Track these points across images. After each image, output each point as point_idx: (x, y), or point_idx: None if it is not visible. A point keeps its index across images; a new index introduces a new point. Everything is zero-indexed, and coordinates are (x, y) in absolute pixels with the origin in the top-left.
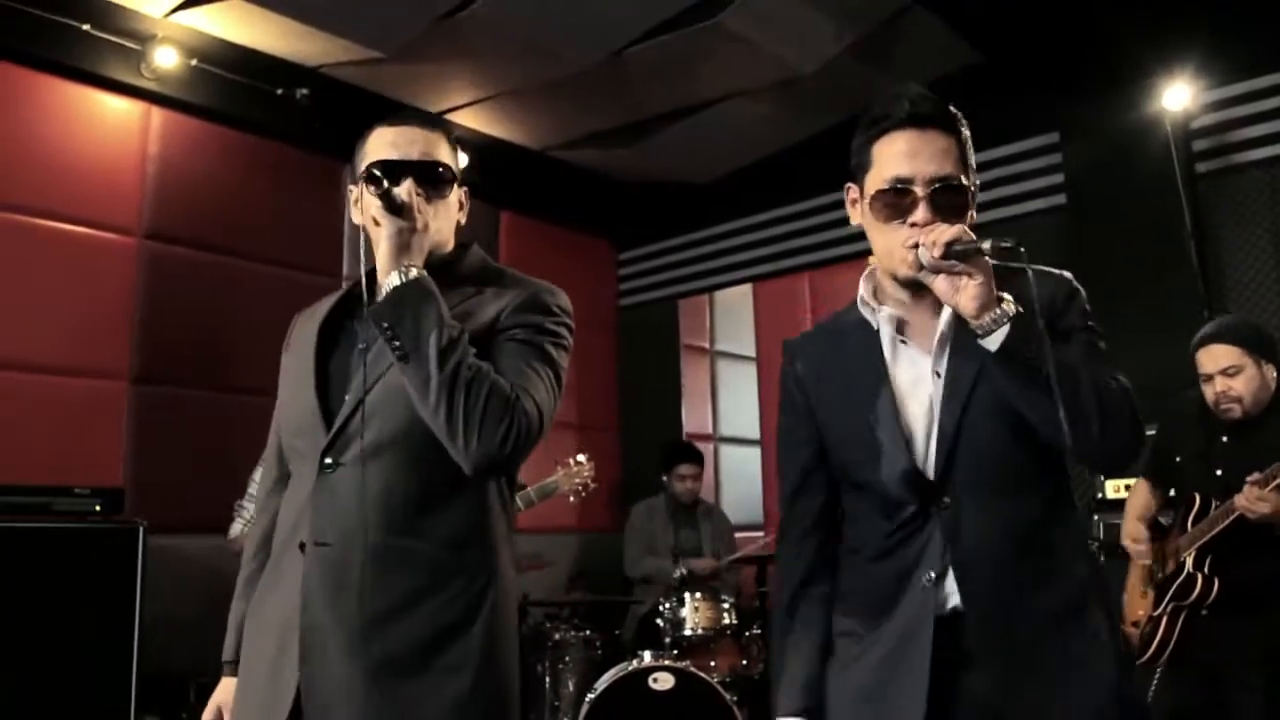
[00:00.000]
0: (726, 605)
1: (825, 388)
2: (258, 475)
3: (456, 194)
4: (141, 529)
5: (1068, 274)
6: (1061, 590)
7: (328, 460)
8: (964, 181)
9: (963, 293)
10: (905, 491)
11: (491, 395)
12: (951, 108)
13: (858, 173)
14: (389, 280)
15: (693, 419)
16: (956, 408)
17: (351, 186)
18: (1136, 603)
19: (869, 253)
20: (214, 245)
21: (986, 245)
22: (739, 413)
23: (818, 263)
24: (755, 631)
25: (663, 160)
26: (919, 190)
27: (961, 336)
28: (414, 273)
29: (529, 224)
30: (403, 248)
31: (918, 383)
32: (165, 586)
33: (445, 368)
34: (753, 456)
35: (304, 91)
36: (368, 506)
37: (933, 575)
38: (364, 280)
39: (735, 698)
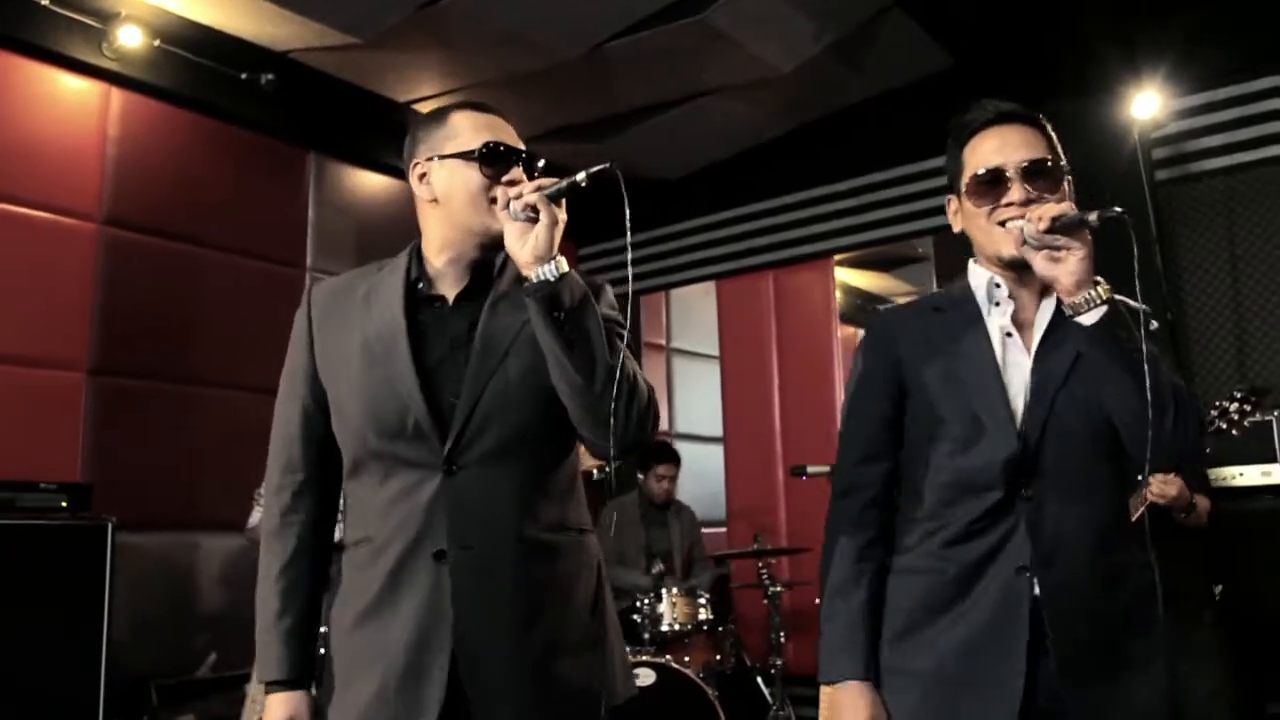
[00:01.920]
0: (703, 601)
1: (927, 363)
2: None
3: None
4: (110, 526)
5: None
6: (1129, 589)
7: (452, 465)
8: (1055, 161)
9: (1063, 265)
10: (998, 477)
11: (640, 383)
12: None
13: (953, 181)
14: (546, 269)
15: None
16: (1046, 402)
17: (418, 161)
18: None
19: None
20: (175, 233)
21: (1093, 216)
22: (694, 410)
23: (782, 261)
24: (729, 626)
25: (633, 156)
26: (1011, 173)
27: (1057, 334)
28: (564, 262)
29: None
30: (557, 239)
31: (1015, 374)
32: (124, 585)
33: (613, 355)
34: (714, 454)
35: (270, 77)
36: (507, 506)
37: (1024, 565)
38: (410, 262)
39: (716, 693)
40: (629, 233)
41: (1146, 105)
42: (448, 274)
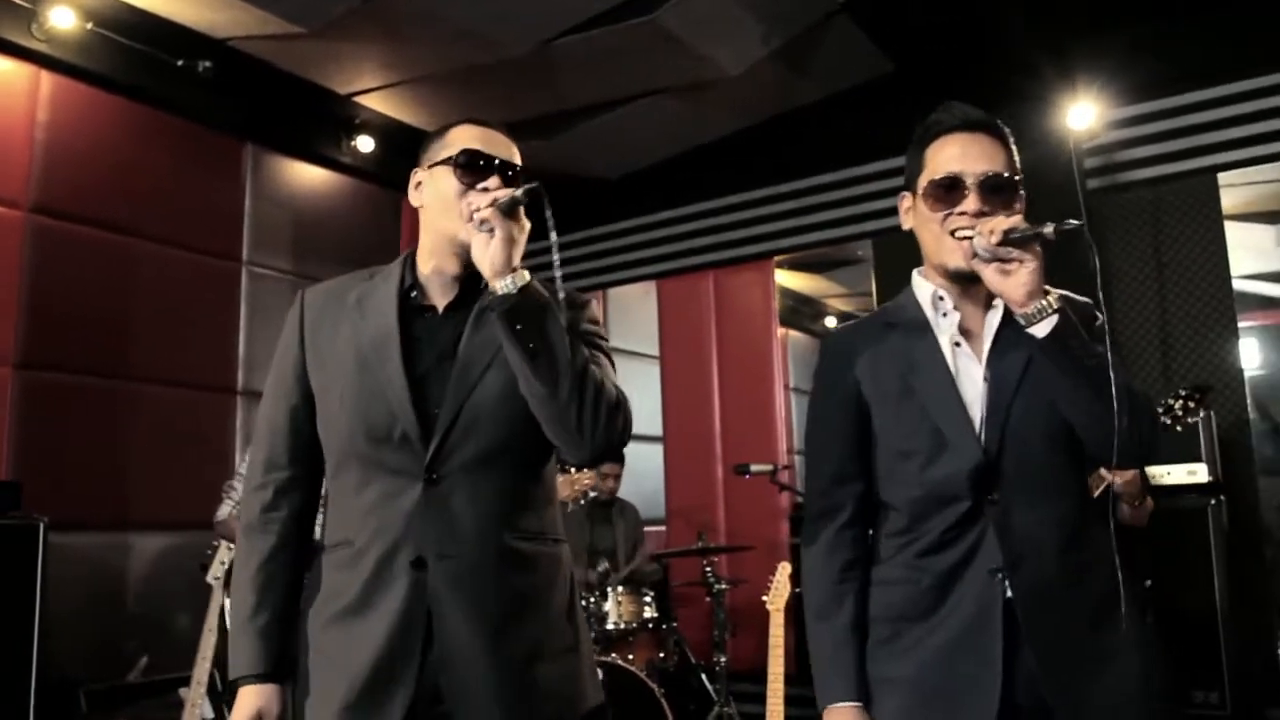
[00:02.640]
0: (648, 599)
1: (884, 381)
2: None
3: None
4: (42, 526)
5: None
6: (1096, 585)
7: (434, 475)
8: (1012, 175)
9: (1013, 279)
10: (965, 487)
11: (608, 389)
12: (998, 121)
13: (911, 179)
14: (505, 282)
15: None
16: (1003, 410)
17: (418, 170)
18: None
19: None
20: (106, 222)
21: (1048, 228)
22: (632, 409)
23: (722, 261)
24: (672, 624)
25: (576, 154)
26: (969, 183)
27: (1006, 339)
28: (526, 275)
29: None
30: (515, 251)
31: (969, 383)
32: (52, 587)
33: (577, 364)
34: (651, 453)
35: (207, 64)
36: (486, 515)
37: (996, 568)
38: (402, 273)
39: (662, 690)
40: (554, 238)
41: (1082, 116)
42: (435, 283)
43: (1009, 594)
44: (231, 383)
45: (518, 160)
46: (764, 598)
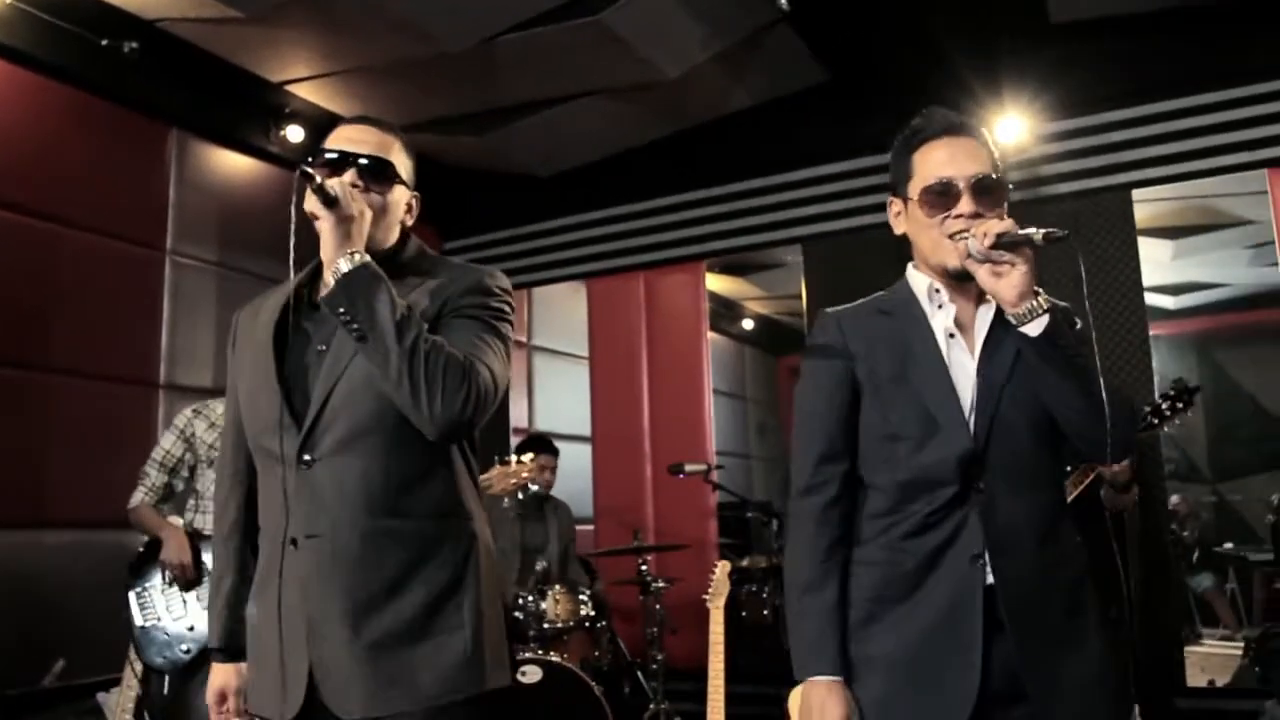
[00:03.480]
0: (584, 597)
1: (878, 364)
2: (166, 443)
3: (405, 195)
4: None
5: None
6: (1068, 572)
7: (305, 458)
8: (999, 176)
9: (1005, 280)
10: (953, 473)
11: (449, 362)
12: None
13: (899, 185)
14: (337, 267)
15: (512, 413)
16: (993, 401)
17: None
18: None
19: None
20: (24, 206)
21: (1038, 234)
22: (556, 408)
23: (653, 263)
24: (605, 623)
25: (508, 151)
26: (961, 185)
27: (997, 335)
28: (359, 258)
29: None
30: (345, 237)
31: (961, 374)
32: None
33: (404, 341)
34: (576, 452)
35: (133, 45)
36: (351, 495)
37: (978, 554)
38: (294, 273)
39: (602, 688)
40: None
41: (1009, 129)
42: (329, 278)
43: (989, 579)
44: (153, 376)
45: (390, 150)
46: (704, 596)
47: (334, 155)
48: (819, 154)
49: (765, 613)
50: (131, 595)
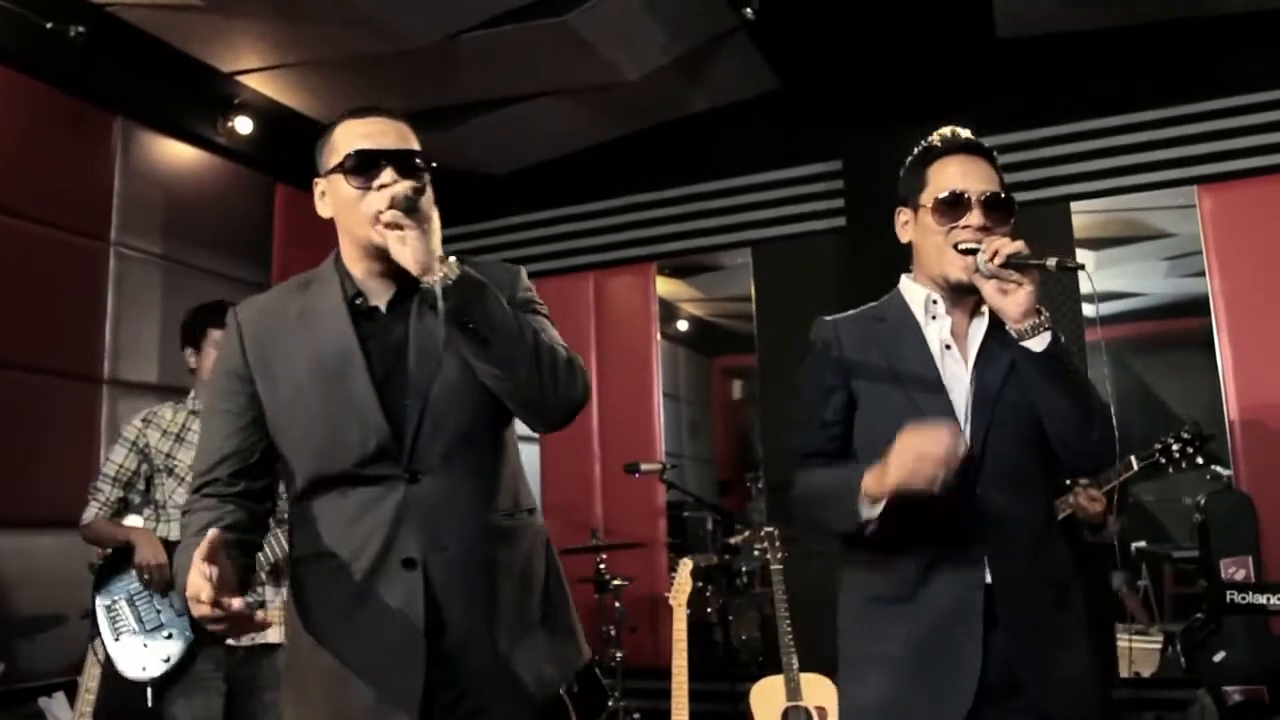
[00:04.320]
0: None
1: (874, 370)
2: (117, 456)
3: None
4: None
5: None
6: (1056, 573)
7: (413, 474)
8: (1008, 194)
9: (1011, 298)
10: (951, 479)
11: (559, 353)
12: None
13: (910, 196)
14: (435, 278)
15: None
16: (987, 410)
17: (318, 180)
18: None
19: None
20: None
21: (1051, 262)
22: None
23: (604, 263)
24: None
25: (465, 149)
26: (972, 198)
27: (990, 347)
28: (454, 263)
29: (305, 199)
30: (431, 243)
31: (955, 384)
32: None
33: (526, 338)
34: (529, 452)
35: (80, 29)
36: (470, 503)
37: (977, 555)
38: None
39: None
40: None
41: None
42: (372, 285)
43: (988, 580)
44: (97, 371)
45: (411, 143)
46: (667, 594)
47: (403, 157)
48: (770, 159)
49: (709, 610)
50: (100, 610)
